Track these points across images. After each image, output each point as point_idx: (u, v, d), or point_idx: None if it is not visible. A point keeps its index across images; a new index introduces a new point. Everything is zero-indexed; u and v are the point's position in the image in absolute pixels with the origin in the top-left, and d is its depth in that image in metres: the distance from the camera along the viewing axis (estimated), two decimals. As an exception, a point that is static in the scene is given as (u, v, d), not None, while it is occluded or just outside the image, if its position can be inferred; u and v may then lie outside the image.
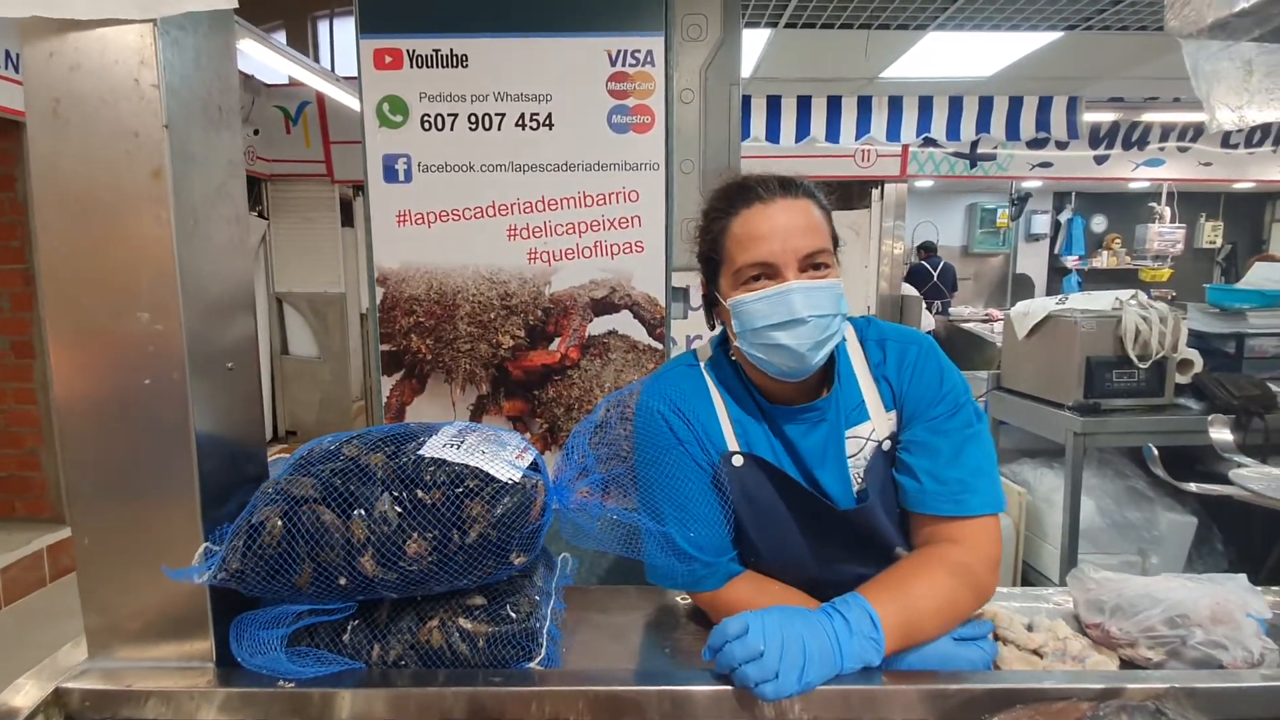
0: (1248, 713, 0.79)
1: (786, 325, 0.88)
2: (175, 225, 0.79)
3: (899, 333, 1.02)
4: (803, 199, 0.92)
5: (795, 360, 0.90)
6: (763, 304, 0.89)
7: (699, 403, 1.00)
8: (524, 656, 0.83)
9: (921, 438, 0.95)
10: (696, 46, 1.71)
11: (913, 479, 0.94)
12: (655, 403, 1.00)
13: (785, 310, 0.88)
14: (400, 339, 1.69)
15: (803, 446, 0.98)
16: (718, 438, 0.98)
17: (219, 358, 0.84)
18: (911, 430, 0.97)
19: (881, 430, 0.98)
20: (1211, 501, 2.56)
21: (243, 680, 0.83)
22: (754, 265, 0.90)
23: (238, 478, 0.88)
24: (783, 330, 0.89)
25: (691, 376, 1.03)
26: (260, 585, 0.75)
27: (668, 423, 0.98)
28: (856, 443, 0.98)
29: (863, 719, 0.81)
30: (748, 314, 0.91)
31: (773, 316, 0.89)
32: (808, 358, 0.90)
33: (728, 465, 0.97)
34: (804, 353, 0.89)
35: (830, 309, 0.89)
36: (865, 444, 0.98)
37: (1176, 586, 0.98)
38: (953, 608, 0.88)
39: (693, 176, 1.80)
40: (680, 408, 0.99)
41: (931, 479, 0.93)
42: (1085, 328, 2.43)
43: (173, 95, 0.81)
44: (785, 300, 0.88)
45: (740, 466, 0.96)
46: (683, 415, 0.98)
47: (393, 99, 1.58)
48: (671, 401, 0.99)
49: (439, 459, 0.79)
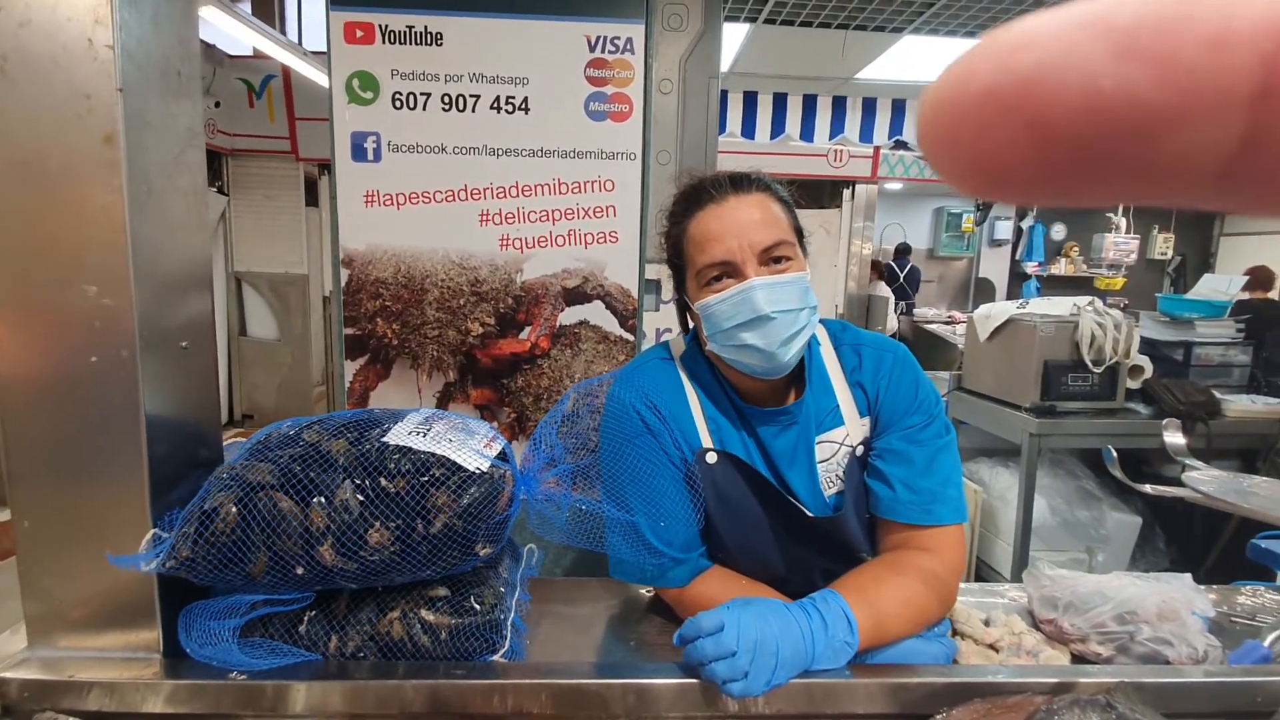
0: (1192, 707, 0.82)
1: (752, 324, 0.88)
2: (128, 194, 0.75)
3: (875, 340, 1.03)
4: (756, 193, 0.91)
5: (766, 359, 0.89)
6: (726, 305, 0.89)
7: (673, 398, 0.99)
8: (487, 649, 0.82)
9: (896, 446, 0.95)
10: (677, 36, 1.70)
11: (886, 486, 0.95)
12: (628, 396, 0.98)
13: (749, 309, 0.87)
14: (365, 323, 1.64)
15: (774, 448, 0.98)
16: (692, 434, 0.98)
17: (173, 336, 0.81)
18: (886, 438, 0.97)
19: (855, 436, 0.98)
20: (1155, 502, 2.66)
21: (191, 672, 0.80)
22: (713, 265, 0.89)
23: (191, 462, 0.84)
24: (749, 330, 0.88)
25: (666, 371, 1.02)
26: (212, 574, 0.72)
27: (641, 416, 0.97)
28: (830, 447, 0.98)
29: (825, 712, 0.82)
30: (714, 316, 0.90)
31: (738, 316, 0.88)
32: (779, 355, 0.89)
33: (701, 462, 0.96)
34: (774, 350, 0.89)
35: (795, 303, 0.88)
36: (839, 449, 0.98)
37: (1126, 584, 1.01)
38: (922, 614, 0.89)
39: (669, 168, 1.79)
40: (654, 402, 0.98)
41: (905, 488, 0.93)
42: (1044, 332, 2.50)
43: (128, 57, 0.77)
44: (748, 299, 0.87)
45: (714, 464, 0.96)
46: (656, 410, 0.97)
47: (363, 75, 1.54)
48: (645, 395, 0.98)
49: (404, 446, 0.77)
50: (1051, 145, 0.09)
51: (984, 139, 0.10)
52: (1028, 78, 0.09)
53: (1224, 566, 2.46)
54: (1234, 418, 2.57)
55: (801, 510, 0.95)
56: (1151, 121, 0.09)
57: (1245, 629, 1.06)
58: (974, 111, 0.09)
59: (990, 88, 0.09)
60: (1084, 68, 0.09)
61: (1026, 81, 0.09)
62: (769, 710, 0.81)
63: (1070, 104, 0.09)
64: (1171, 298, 3.03)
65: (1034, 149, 0.09)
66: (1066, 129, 0.09)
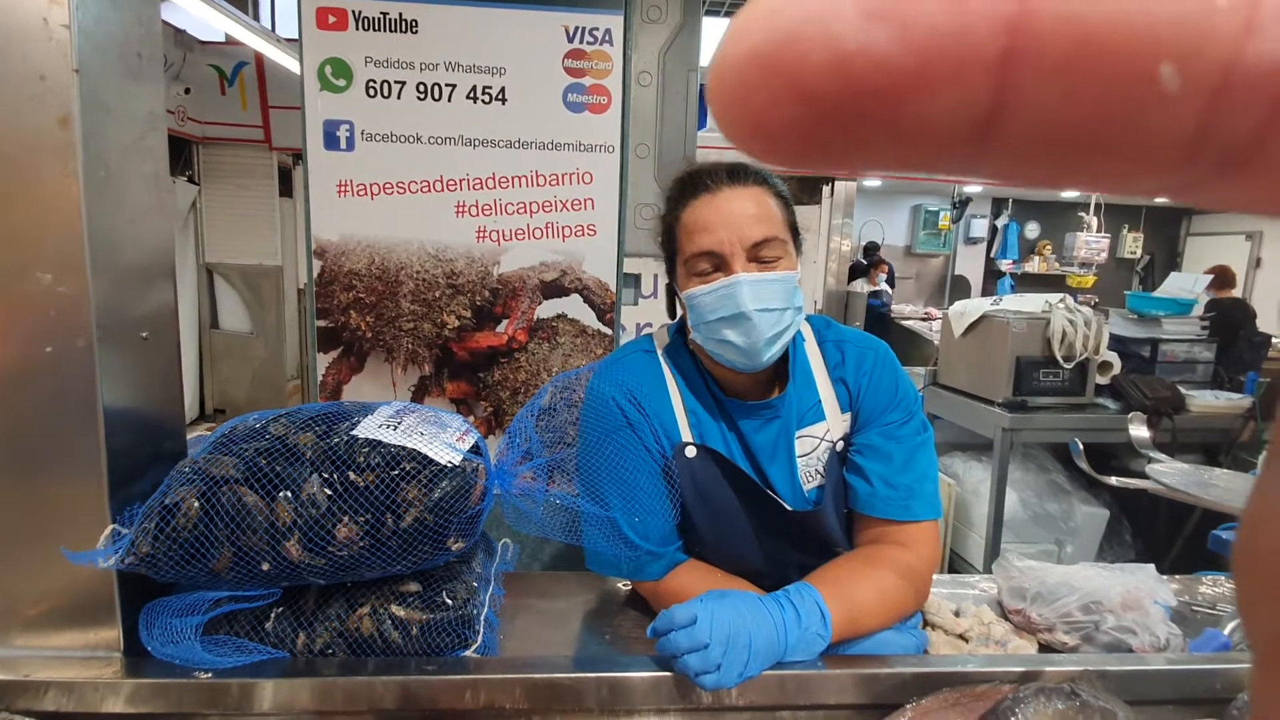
0: (1155, 694, 0.84)
1: (734, 320, 0.87)
2: (84, 179, 0.72)
3: (858, 337, 1.03)
4: (753, 186, 0.90)
5: (745, 356, 0.89)
6: (710, 297, 0.88)
7: (654, 391, 0.98)
8: (459, 644, 0.81)
9: (875, 442, 0.96)
10: (656, 28, 1.69)
11: (864, 482, 0.95)
12: (609, 389, 0.98)
13: (732, 304, 0.87)
14: (338, 315, 1.62)
15: (755, 442, 0.98)
16: (672, 428, 0.97)
17: (133, 326, 0.78)
18: (865, 434, 0.97)
19: (836, 431, 0.99)
20: (1122, 495, 2.72)
21: (153, 670, 0.78)
22: (700, 255, 0.88)
23: (152, 455, 0.82)
24: (731, 326, 0.87)
25: (648, 363, 1.01)
26: (174, 570, 0.70)
27: (621, 409, 0.96)
28: (810, 442, 0.98)
29: (797, 703, 0.83)
30: (698, 307, 0.90)
31: (720, 310, 0.87)
32: (759, 353, 0.89)
33: (680, 456, 0.96)
34: (754, 348, 0.88)
35: (779, 303, 0.88)
36: (819, 444, 0.98)
37: (1093, 575, 1.03)
38: (896, 608, 0.90)
39: (648, 161, 1.79)
40: (635, 395, 0.97)
41: (883, 483, 0.94)
42: (1017, 328, 2.54)
43: (86, 37, 0.74)
44: (732, 294, 0.87)
45: (693, 458, 0.96)
46: (637, 403, 0.97)
47: (336, 61, 1.51)
48: (626, 389, 0.97)
49: (374, 440, 0.76)
50: (810, 109, 0.09)
51: (750, 101, 0.10)
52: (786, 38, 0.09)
53: (1187, 558, 2.52)
54: (1198, 413, 2.63)
55: (780, 504, 0.95)
56: (896, 85, 0.09)
57: (1206, 618, 1.08)
58: (742, 72, 0.09)
59: (756, 48, 0.09)
60: (834, 28, 0.09)
61: (785, 42, 0.09)
62: (741, 702, 0.81)
63: (820, 66, 0.09)
64: (1139, 295, 3.09)
65: (795, 112, 0.09)
66: (820, 92, 0.09)
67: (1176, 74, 0.08)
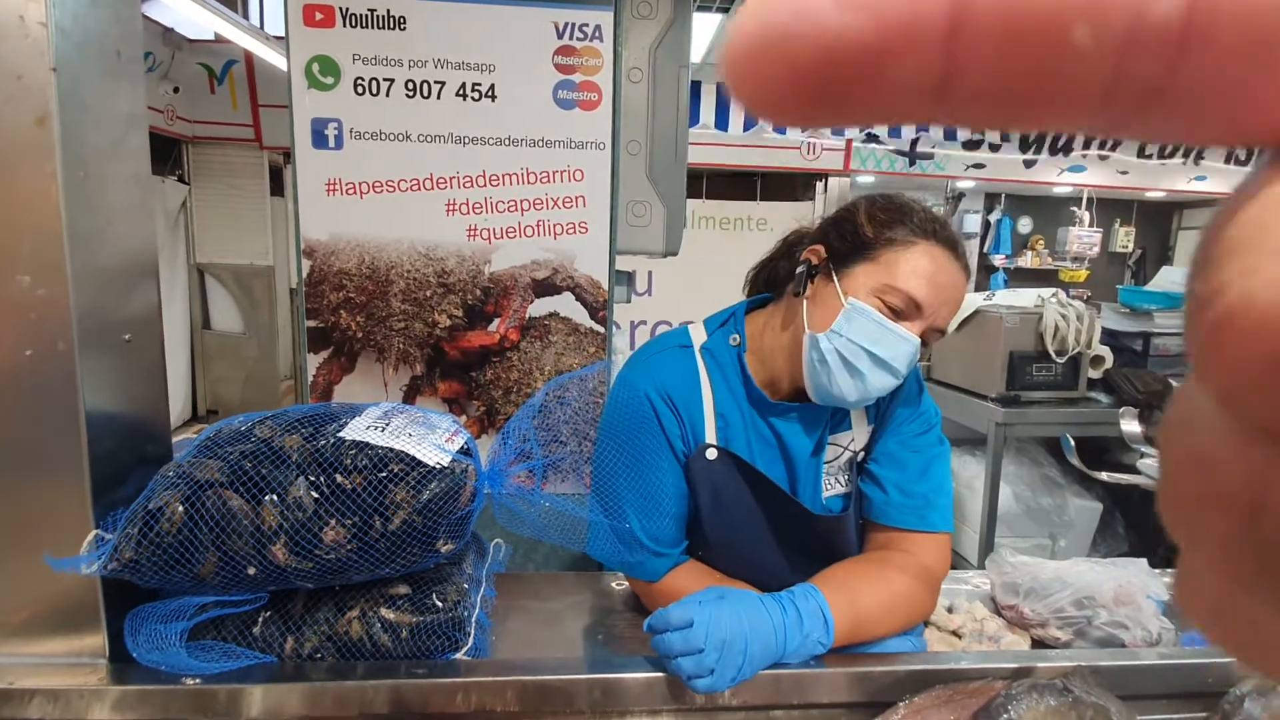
0: (1147, 688, 0.84)
1: (880, 363, 0.85)
2: (62, 180, 0.71)
3: None
4: (965, 276, 0.89)
5: (853, 393, 0.87)
6: (883, 331, 0.84)
7: (688, 390, 0.95)
8: (450, 647, 0.80)
9: (893, 450, 0.95)
10: (646, 24, 1.68)
11: (879, 490, 0.94)
12: (644, 385, 0.94)
13: (892, 353, 0.84)
14: (328, 315, 1.60)
15: (792, 445, 0.95)
16: (699, 428, 0.95)
17: (115, 329, 0.77)
18: (883, 442, 0.96)
19: (860, 441, 0.98)
20: (1115, 489, 2.73)
21: (139, 677, 0.77)
22: (908, 298, 0.84)
23: (136, 459, 0.81)
24: (870, 364, 0.85)
25: (684, 360, 0.97)
26: (158, 576, 0.69)
27: (652, 405, 0.93)
28: (835, 450, 0.97)
29: (791, 702, 0.82)
30: (863, 327, 0.85)
31: (878, 347, 0.84)
32: (860, 399, 0.87)
33: (700, 458, 0.94)
34: (865, 396, 0.87)
35: (906, 373, 0.87)
36: (843, 453, 0.97)
37: (1085, 570, 1.03)
38: (906, 614, 0.89)
39: (640, 158, 1.77)
40: (670, 394, 0.94)
41: (899, 492, 0.93)
42: (1009, 323, 2.55)
43: (63, 35, 0.73)
44: (901, 346, 0.84)
45: (713, 460, 0.93)
46: (671, 402, 0.94)
47: (323, 59, 1.49)
48: (661, 385, 0.94)
49: (361, 441, 0.75)
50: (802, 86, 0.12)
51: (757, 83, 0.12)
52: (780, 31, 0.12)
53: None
54: (1190, 406, 2.64)
55: (803, 509, 0.93)
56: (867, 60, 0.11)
57: (1198, 611, 1.09)
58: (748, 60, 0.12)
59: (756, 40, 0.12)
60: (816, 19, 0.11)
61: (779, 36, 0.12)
62: (735, 702, 0.81)
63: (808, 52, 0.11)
64: (1131, 290, 3.10)
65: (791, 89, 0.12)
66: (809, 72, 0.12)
67: (1089, 34, 0.10)
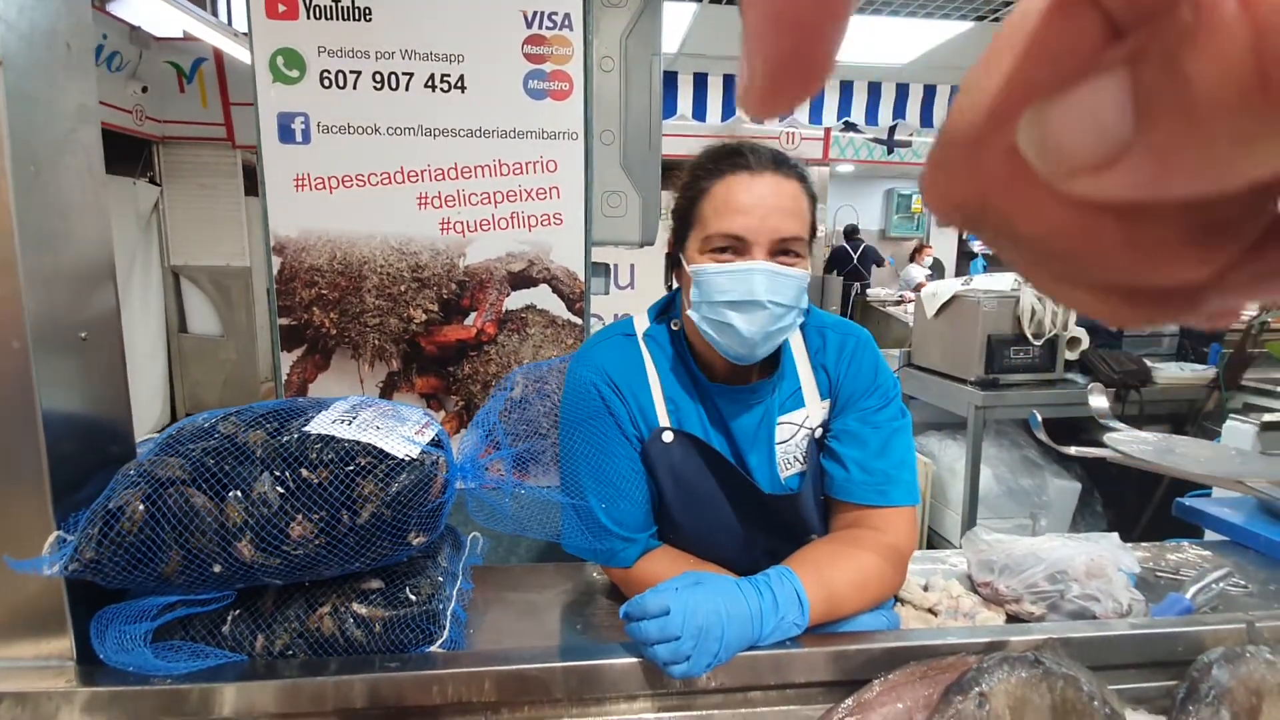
0: (1117, 658, 0.85)
1: (742, 306, 0.85)
2: (12, 174, 0.69)
3: (838, 323, 1.02)
4: (794, 180, 0.89)
5: (742, 345, 0.88)
6: (725, 278, 0.86)
7: (634, 376, 0.97)
8: (425, 640, 0.80)
9: (852, 427, 0.96)
10: (616, 13, 1.67)
11: (840, 467, 0.95)
12: (588, 373, 0.96)
13: (745, 290, 0.85)
14: (301, 312, 1.58)
15: (736, 427, 0.97)
16: (649, 412, 0.96)
17: (70, 327, 0.75)
18: (842, 420, 0.97)
19: (815, 418, 0.98)
20: (1094, 467, 2.77)
21: (108, 678, 0.76)
22: (725, 236, 0.86)
23: (99, 459, 0.79)
24: (737, 311, 0.86)
25: (627, 347, 0.99)
26: (121, 576, 0.68)
27: (600, 395, 0.95)
28: (789, 429, 0.98)
29: (768, 683, 0.83)
30: (707, 285, 0.87)
31: (731, 293, 0.85)
32: (756, 345, 0.88)
33: (657, 441, 0.95)
34: (753, 339, 0.87)
35: (790, 300, 0.87)
36: (798, 430, 0.98)
37: (1058, 545, 1.05)
38: (874, 593, 0.90)
39: (614, 148, 1.77)
40: (614, 380, 0.95)
41: (859, 469, 0.93)
42: (987, 307, 2.57)
43: (9, 27, 0.71)
44: (748, 280, 0.85)
45: (670, 443, 0.95)
46: (616, 388, 0.95)
47: (287, 52, 1.47)
48: (605, 373, 0.96)
49: (327, 435, 0.74)
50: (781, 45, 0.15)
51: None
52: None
53: (1156, 526, 2.58)
54: (1164, 384, 2.69)
55: (757, 489, 0.94)
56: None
57: (1170, 583, 1.11)
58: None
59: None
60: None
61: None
62: (712, 684, 0.81)
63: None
64: (1107, 271, 3.13)
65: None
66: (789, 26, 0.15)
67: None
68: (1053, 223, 0.14)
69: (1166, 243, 0.14)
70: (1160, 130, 0.12)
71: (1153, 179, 0.12)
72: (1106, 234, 0.14)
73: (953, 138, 0.15)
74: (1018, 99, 0.14)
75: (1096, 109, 0.12)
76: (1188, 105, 0.11)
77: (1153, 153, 0.12)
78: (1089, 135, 0.12)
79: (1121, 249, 0.14)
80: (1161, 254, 0.14)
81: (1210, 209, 0.13)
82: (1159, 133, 0.12)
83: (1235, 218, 0.13)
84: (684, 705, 0.82)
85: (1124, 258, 0.14)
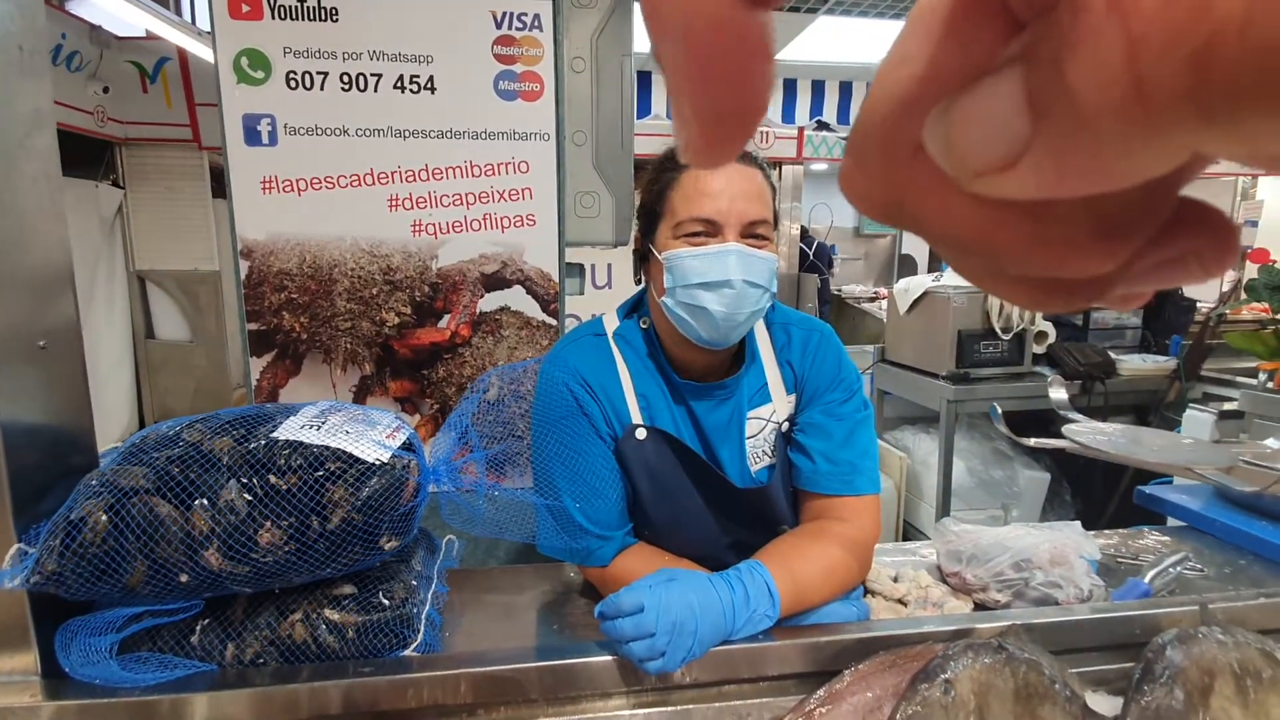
0: (1078, 642, 0.88)
1: (716, 287, 0.88)
2: (-38, 181, 0.68)
3: (802, 319, 1.05)
4: (754, 168, 0.92)
5: (715, 329, 0.90)
6: (699, 261, 0.88)
7: (604, 374, 0.98)
8: (399, 644, 0.80)
9: (818, 420, 0.98)
10: (586, 13, 1.67)
11: (807, 459, 0.97)
12: (560, 373, 0.97)
13: (720, 270, 0.87)
14: (270, 317, 1.56)
15: (706, 423, 0.98)
16: (622, 410, 0.97)
17: (27, 335, 0.74)
18: (808, 413, 0.99)
19: (781, 413, 1.00)
20: (1062, 458, 2.84)
21: (75, 692, 0.74)
22: (698, 220, 0.89)
23: (60, 469, 0.78)
24: (712, 292, 0.88)
25: (597, 346, 1.00)
26: (84, 588, 0.67)
27: (573, 394, 0.96)
28: (757, 423, 0.99)
29: (742, 676, 0.84)
30: (681, 269, 0.89)
31: (706, 275, 0.88)
32: (730, 327, 0.89)
33: (630, 439, 0.96)
34: (728, 320, 0.89)
35: (763, 280, 0.90)
36: (766, 425, 1.00)
37: (1024, 534, 1.07)
38: (841, 581, 0.92)
39: (586, 149, 1.77)
40: (586, 379, 0.96)
41: (825, 459, 0.96)
42: (956, 303, 2.62)
43: (-43, 30, 0.69)
44: (722, 260, 0.87)
45: (643, 440, 0.96)
46: (588, 387, 0.96)
47: (252, 52, 1.45)
48: (577, 372, 0.97)
49: (295, 441, 0.73)
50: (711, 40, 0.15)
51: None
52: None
53: (1122, 514, 2.65)
54: (1128, 376, 2.76)
55: (729, 483, 0.96)
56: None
57: (1129, 568, 1.14)
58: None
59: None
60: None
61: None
62: (688, 679, 0.82)
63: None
64: (1072, 266, 3.21)
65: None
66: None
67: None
68: (963, 221, 0.15)
69: (1072, 239, 0.14)
70: (1054, 131, 0.12)
71: (1052, 179, 0.12)
72: (1015, 231, 0.14)
73: (866, 131, 0.15)
74: (928, 92, 0.14)
75: (995, 110, 0.12)
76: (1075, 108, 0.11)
77: (1049, 153, 0.12)
78: (989, 136, 0.13)
79: (1030, 245, 0.14)
80: (1068, 249, 0.14)
81: (1111, 205, 0.14)
82: (1053, 134, 0.12)
83: (1135, 214, 0.14)
84: (660, 701, 0.83)
85: (1033, 253, 0.14)
